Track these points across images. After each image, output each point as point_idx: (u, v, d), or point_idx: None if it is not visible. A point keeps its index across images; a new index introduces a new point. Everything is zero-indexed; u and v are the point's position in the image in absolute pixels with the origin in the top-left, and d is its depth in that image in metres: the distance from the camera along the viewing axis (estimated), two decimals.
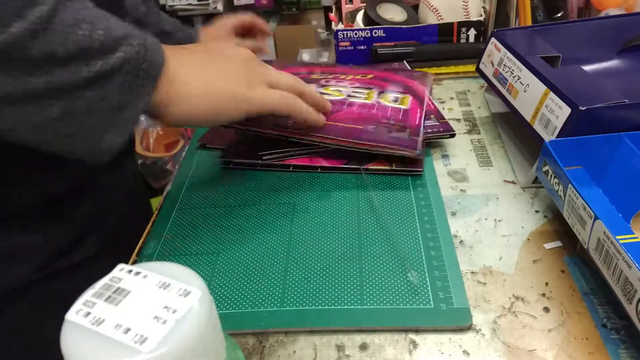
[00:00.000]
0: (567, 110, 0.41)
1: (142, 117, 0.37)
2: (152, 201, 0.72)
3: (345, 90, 0.58)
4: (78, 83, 0.32)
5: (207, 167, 0.53)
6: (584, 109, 0.40)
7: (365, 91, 0.58)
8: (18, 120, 0.32)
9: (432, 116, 0.55)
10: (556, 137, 0.41)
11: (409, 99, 0.57)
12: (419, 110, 0.55)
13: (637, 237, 0.31)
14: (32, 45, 0.30)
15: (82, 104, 0.32)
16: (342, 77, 0.62)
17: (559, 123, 0.41)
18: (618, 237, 0.31)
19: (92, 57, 0.32)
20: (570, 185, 0.36)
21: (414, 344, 0.34)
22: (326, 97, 0.54)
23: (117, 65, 0.33)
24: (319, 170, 0.50)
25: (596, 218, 0.32)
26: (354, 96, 0.57)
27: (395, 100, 0.56)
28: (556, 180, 0.38)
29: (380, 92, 0.58)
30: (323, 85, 0.59)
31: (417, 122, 0.52)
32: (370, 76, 0.62)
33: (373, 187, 0.48)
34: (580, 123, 0.40)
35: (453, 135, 0.53)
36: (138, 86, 0.34)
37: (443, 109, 0.60)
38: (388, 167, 0.49)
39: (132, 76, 0.34)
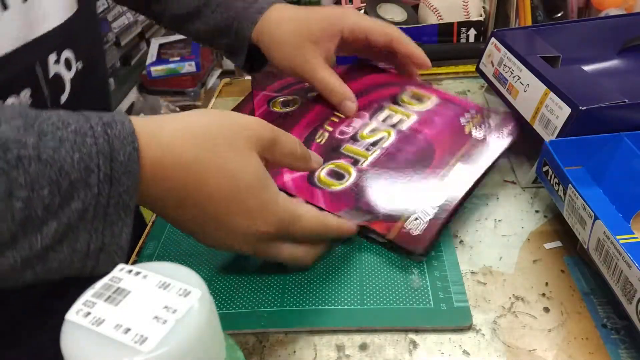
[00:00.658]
0: (567, 110, 0.41)
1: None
2: None
3: (378, 124, 0.49)
4: (36, 254, 0.26)
5: None
6: (583, 109, 0.40)
7: (390, 111, 0.50)
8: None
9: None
10: (556, 137, 0.41)
11: (425, 92, 0.52)
12: (450, 94, 0.52)
13: (637, 237, 0.31)
14: None
15: (53, 264, 0.27)
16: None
17: (559, 123, 0.41)
18: (618, 237, 0.31)
19: (41, 223, 0.26)
20: (570, 185, 0.36)
21: (414, 344, 0.34)
22: (377, 149, 0.46)
23: (74, 218, 0.27)
24: None
25: (596, 218, 0.32)
26: (397, 123, 0.49)
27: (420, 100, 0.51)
28: (556, 180, 0.38)
29: (394, 97, 0.52)
30: (354, 135, 0.48)
31: (474, 104, 0.50)
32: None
33: None
34: (580, 123, 0.40)
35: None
36: (111, 223, 0.28)
37: None
38: None
39: (99, 220, 0.28)
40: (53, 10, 0.39)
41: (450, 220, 0.41)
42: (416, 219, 0.39)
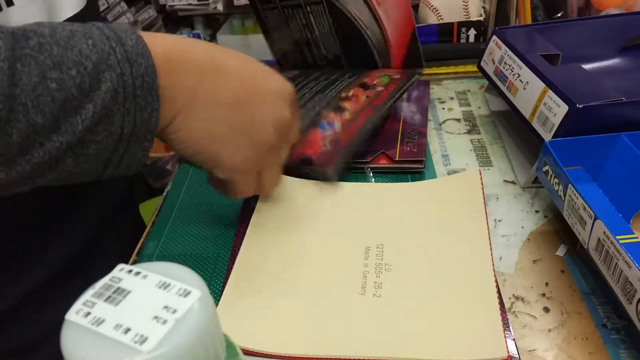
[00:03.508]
0: (564, 108, 0.41)
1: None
2: (152, 201, 0.71)
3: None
4: (78, 136, 0.28)
5: None
6: (580, 106, 0.40)
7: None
8: (33, 183, 0.29)
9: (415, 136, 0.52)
10: (554, 135, 0.41)
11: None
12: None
13: (637, 237, 0.31)
14: (8, 137, 0.26)
15: (91, 149, 0.29)
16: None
17: (557, 120, 0.41)
18: (618, 237, 0.31)
19: (78, 105, 0.27)
20: (570, 185, 0.36)
21: None
22: None
23: (108, 100, 0.28)
24: None
25: (596, 218, 0.32)
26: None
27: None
28: (556, 180, 0.38)
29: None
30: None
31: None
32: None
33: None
34: (577, 121, 0.40)
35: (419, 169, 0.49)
36: (140, 107, 0.30)
37: (443, 108, 0.60)
38: (391, 165, 0.49)
39: (130, 102, 0.29)
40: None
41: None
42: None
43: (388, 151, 0.50)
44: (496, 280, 0.36)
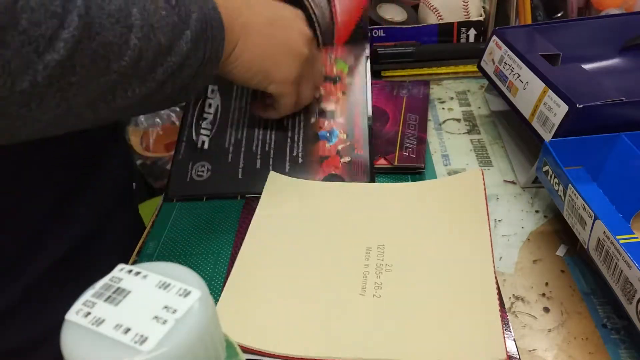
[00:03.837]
0: (564, 108, 0.41)
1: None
2: (152, 201, 0.71)
3: None
4: (181, 58, 0.34)
5: None
6: (581, 106, 0.40)
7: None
8: (140, 107, 0.36)
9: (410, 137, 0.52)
10: (554, 135, 0.41)
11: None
12: None
13: (637, 237, 0.31)
14: (146, 53, 0.32)
15: (185, 71, 0.35)
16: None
17: (557, 120, 0.41)
18: (618, 237, 0.31)
19: (181, 31, 0.33)
20: (570, 185, 0.36)
21: None
22: None
23: (198, 28, 0.34)
24: None
25: (596, 218, 0.32)
26: None
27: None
28: (556, 180, 0.38)
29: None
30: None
31: None
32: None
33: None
34: (577, 121, 0.40)
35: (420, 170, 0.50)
36: (212, 39, 0.36)
37: (443, 108, 0.60)
38: (390, 165, 0.49)
39: (209, 32, 0.36)
40: None
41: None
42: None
43: (387, 156, 0.50)
44: (496, 281, 0.36)
